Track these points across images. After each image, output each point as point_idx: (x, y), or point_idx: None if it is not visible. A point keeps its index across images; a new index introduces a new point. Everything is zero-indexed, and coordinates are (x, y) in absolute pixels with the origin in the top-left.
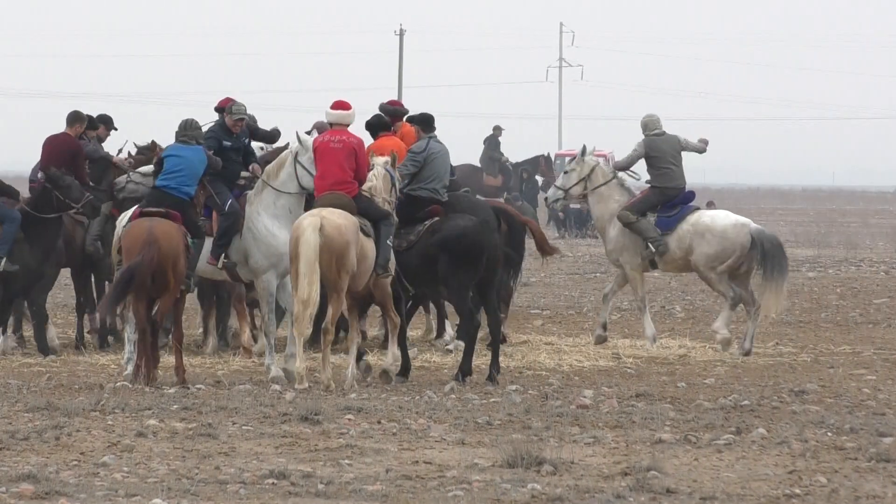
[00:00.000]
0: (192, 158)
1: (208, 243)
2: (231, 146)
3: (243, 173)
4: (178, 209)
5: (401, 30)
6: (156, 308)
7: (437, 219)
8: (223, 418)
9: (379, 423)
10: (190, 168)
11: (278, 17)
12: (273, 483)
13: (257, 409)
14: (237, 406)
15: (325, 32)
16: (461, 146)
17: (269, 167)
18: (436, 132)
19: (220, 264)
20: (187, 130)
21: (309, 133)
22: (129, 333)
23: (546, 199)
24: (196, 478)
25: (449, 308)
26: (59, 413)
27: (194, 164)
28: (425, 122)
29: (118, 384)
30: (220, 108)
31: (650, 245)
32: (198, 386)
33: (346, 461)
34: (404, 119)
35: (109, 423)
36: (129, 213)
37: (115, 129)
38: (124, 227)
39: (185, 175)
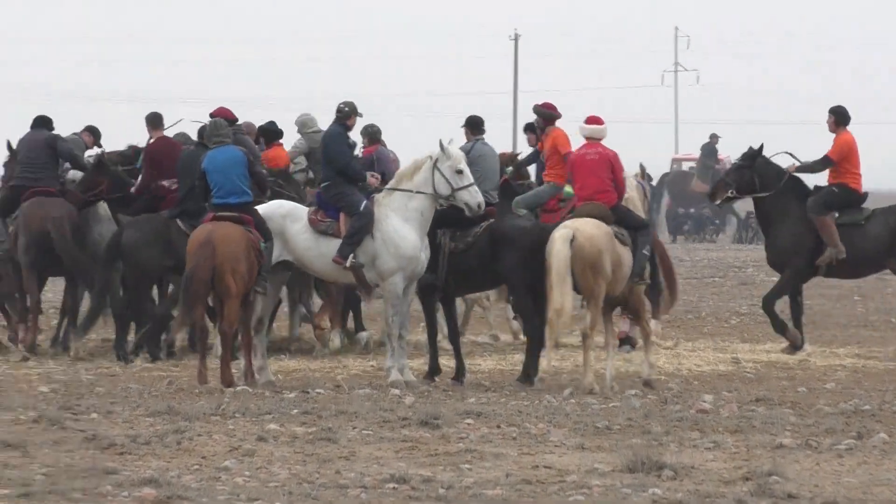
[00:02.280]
0: (226, 165)
1: (336, 243)
2: (353, 146)
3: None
4: (246, 214)
5: (515, 34)
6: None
7: (492, 220)
8: (343, 422)
9: (498, 427)
10: (228, 175)
11: (394, 21)
12: (393, 487)
13: (377, 413)
14: (357, 410)
15: (441, 36)
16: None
17: (402, 170)
18: (484, 134)
19: (347, 264)
20: (216, 131)
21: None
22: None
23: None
24: (317, 482)
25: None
26: (180, 417)
27: (233, 168)
28: (473, 125)
29: (238, 388)
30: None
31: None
32: (318, 390)
33: (466, 465)
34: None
35: (230, 427)
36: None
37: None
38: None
39: (228, 186)
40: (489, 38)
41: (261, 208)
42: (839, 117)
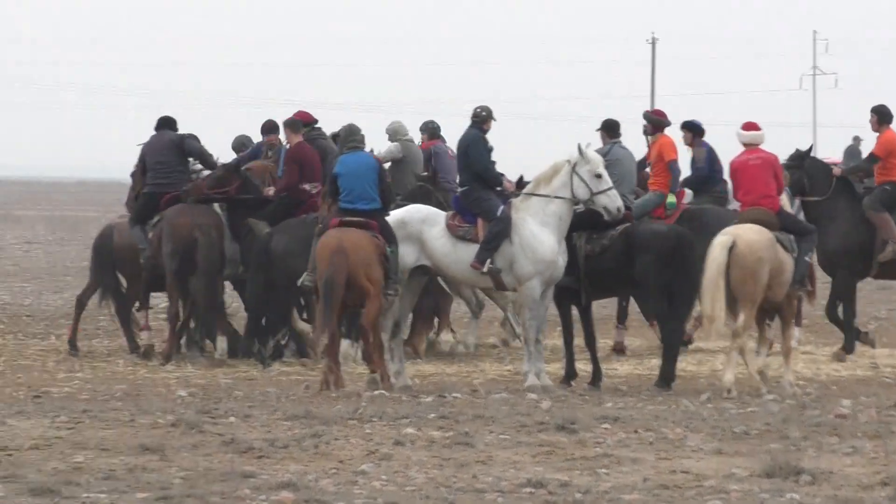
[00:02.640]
0: (359, 171)
1: (473, 249)
2: (491, 150)
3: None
4: (372, 219)
5: (653, 38)
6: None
7: (628, 224)
8: (480, 427)
9: (636, 432)
10: (360, 181)
11: (533, 26)
12: (530, 492)
13: (514, 417)
14: (494, 415)
15: (579, 41)
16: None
17: (540, 174)
18: (620, 138)
19: (484, 269)
20: (353, 136)
21: None
22: (385, 341)
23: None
24: (454, 486)
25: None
26: (317, 421)
27: (364, 174)
28: (609, 128)
29: (376, 393)
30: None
31: None
32: (455, 395)
33: (603, 470)
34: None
35: (367, 431)
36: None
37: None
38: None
39: (358, 191)
40: (627, 41)
41: (399, 212)
42: (881, 116)
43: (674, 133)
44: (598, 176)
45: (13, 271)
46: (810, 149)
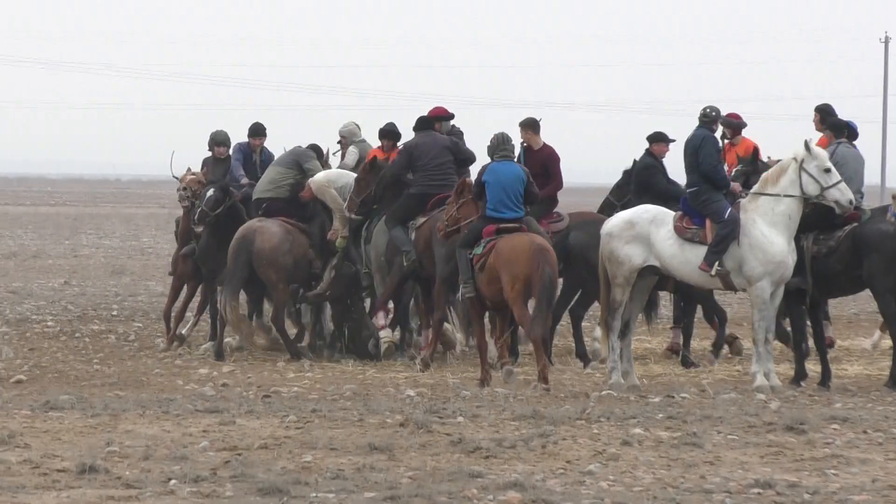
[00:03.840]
0: (507, 180)
1: (701, 250)
2: (719, 151)
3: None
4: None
5: (886, 37)
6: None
7: (855, 224)
8: (708, 427)
9: (865, 432)
10: (508, 190)
11: (759, 23)
12: (758, 493)
13: (742, 418)
14: (722, 415)
15: (809, 39)
16: None
17: (767, 173)
18: (845, 138)
19: (713, 271)
20: (504, 145)
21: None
22: (613, 341)
23: None
24: (681, 486)
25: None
26: (545, 421)
27: (511, 184)
28: (836, 128)
29: (603, 393)
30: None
31: None
32: (682, 395)
33: (832, 471)
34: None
35: (595, 431)
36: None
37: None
38: (485, 243)
39: (504, 201)
40: (858, 41)
41: (627, 213)
42: (824, 115)
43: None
44: (827, 170)
45: None
46: None
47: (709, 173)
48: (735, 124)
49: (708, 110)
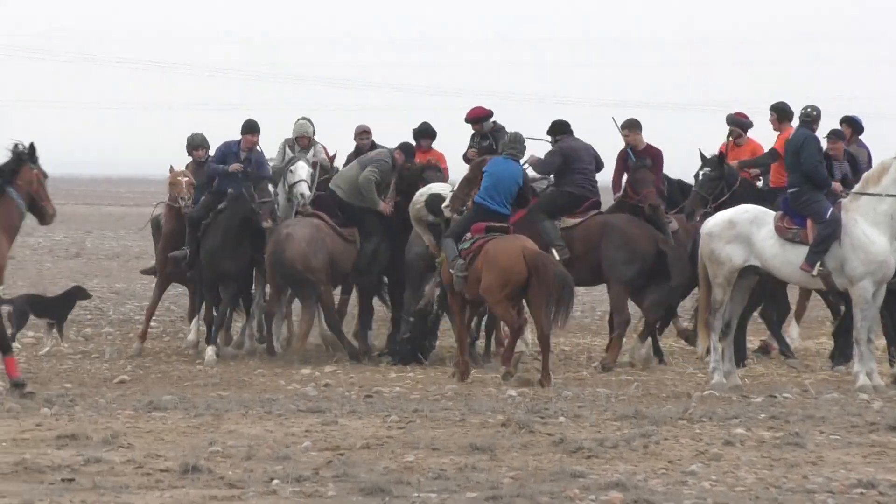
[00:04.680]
0: (505, 176)
1: (802, 250)
2: (820, 151)
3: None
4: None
5: None
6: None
7: None
8: (810, 427)
9: None
10: (503, 189)
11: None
12: (861, 493)
13: (844, 418)
14: (824, 415)
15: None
16: None
17: (868, 173)
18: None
19: (815, 272)
20: (513, 144)
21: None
22: (715, 342)
23: None
24: (783, 486)
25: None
26: (647, 421)
27: (508, 185)
28: (856, 125)
29: (706, 393)
30: (471, 119)
31: None
32: (785, 395)
33: None
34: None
35: (697, 431)
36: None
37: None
38: (470, 241)
39: (494, 194)
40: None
41: (727, 213)
42: (781, 114)
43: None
44: None
45: None
46: None
47: (810, 173)
48: (742, 123)
49: (809, 109)
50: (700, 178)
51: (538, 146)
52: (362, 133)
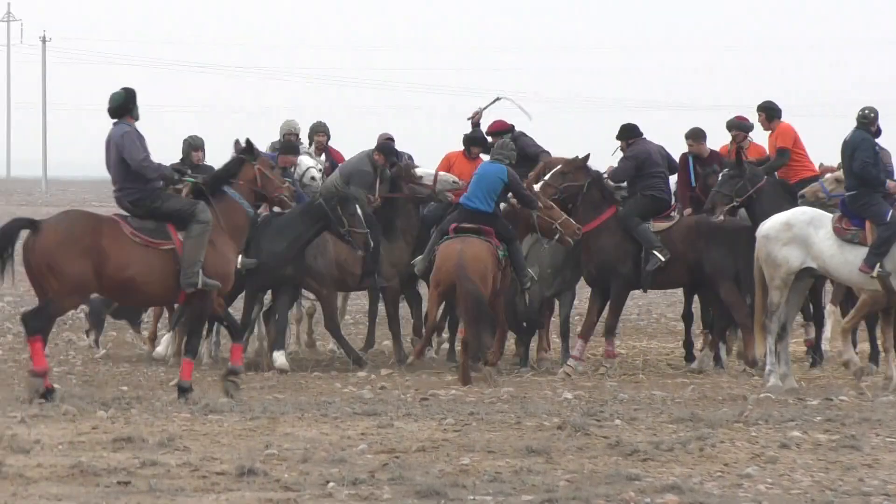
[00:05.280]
0: (488, 175)
1: (861, 252)
2: (877, 153)
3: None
4: (486, 223)
5: None
6: None
7: None
8: (866, 430)
9: None
10: (485, 185)
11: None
12: None
13: None
14: (881, 418)
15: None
16: None
17: None
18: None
19: (874, 273)
20: (500, 150)
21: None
22: (771, 344)
23: None
24: (839, 489)
25: None
26: (702, 424)
27: (491, 181)
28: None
29: (762, 395)
30: (492, 133)
31: None
32: (841, 397)
33: None
34: None
35: (753, 434)
36: None
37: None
38: (438, 244)
39: (477, 193)
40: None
41: (784, 215)
42: (770, 112)
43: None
44: None
45: None
46: None
47: (860, 174)
48: (745, 126)
49: (867, 111)
50: (720, 177)
51: (607, 157)
52: (318, 132)
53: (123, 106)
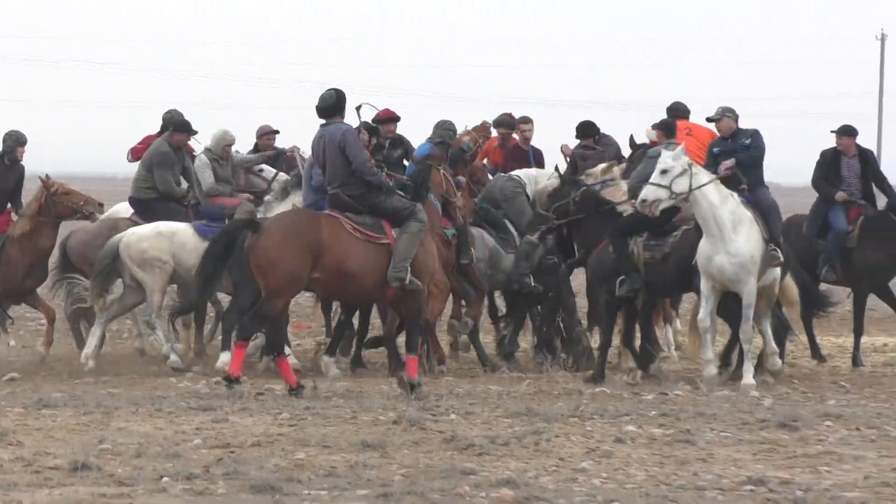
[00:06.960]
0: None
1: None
2: None
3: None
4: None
5: (882, 34)
6: None
7: None
8: (701, 424)
9: (857, 429)
10: None
11: (760, 24)
12: (751, 489)
13: (735, 415)
14: (715, 412)
15: (805, 39)
16: None
17: None
18: None
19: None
20: (435, 129)
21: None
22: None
23: None
24: (674, 484)
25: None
26: (538, 418)
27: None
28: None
29: (596, 390)
30: (378, 120)
31: None
32: (676, 392)
33: (825, 468)
34: None
35: (588, 428)
36: None
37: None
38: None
39: None
40: (854, 39)
41: None
42: None
43: None
44: None
45: None
46: None
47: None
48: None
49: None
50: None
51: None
52: (266, 135)
53: (335, 106)
